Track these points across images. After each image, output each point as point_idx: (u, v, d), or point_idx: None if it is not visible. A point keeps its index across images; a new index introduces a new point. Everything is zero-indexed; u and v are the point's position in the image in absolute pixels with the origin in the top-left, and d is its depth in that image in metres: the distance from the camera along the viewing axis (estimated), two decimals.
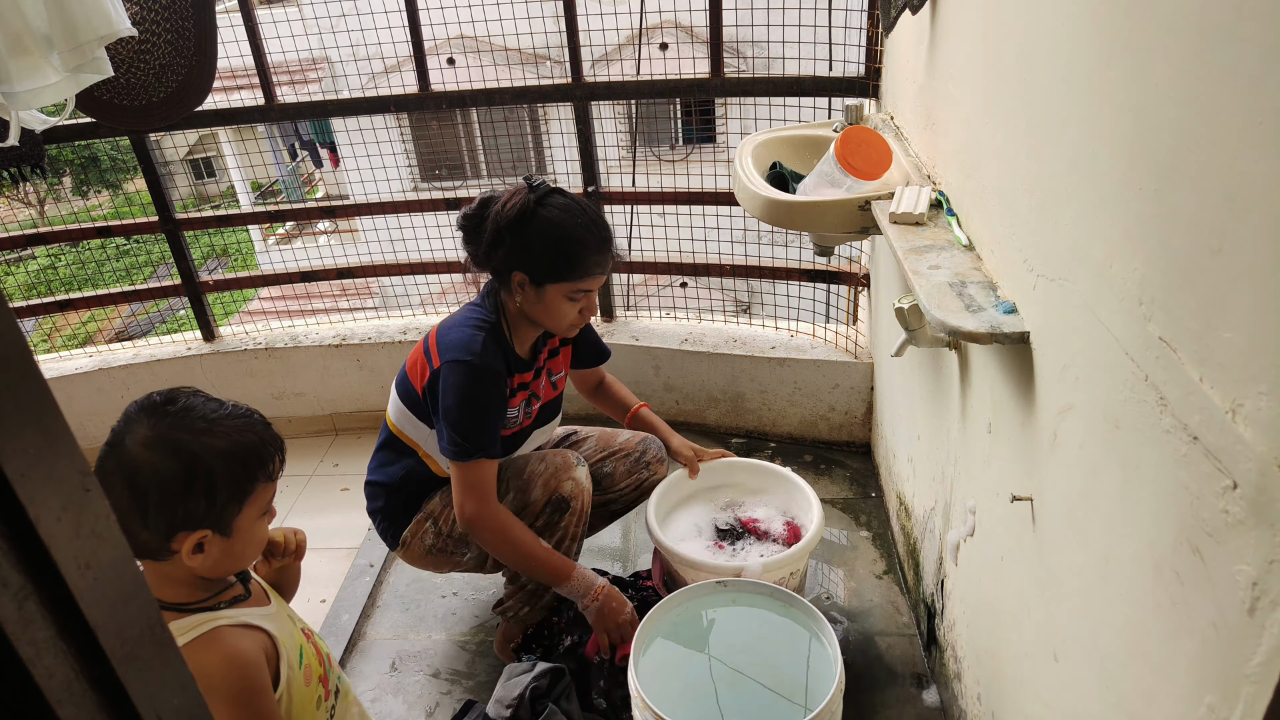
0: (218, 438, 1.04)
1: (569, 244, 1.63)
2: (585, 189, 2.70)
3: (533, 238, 1.63)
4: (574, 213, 1.65)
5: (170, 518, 1.01)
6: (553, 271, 1.64)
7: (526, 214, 1.63)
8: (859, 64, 2.29)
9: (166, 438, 1.02)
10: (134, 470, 1.00)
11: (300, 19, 4.74)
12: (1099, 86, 0.90)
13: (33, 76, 1.70)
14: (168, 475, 1.01)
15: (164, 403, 1.07)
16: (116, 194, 13.68)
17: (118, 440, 1.03)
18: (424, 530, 1.84)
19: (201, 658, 1.02)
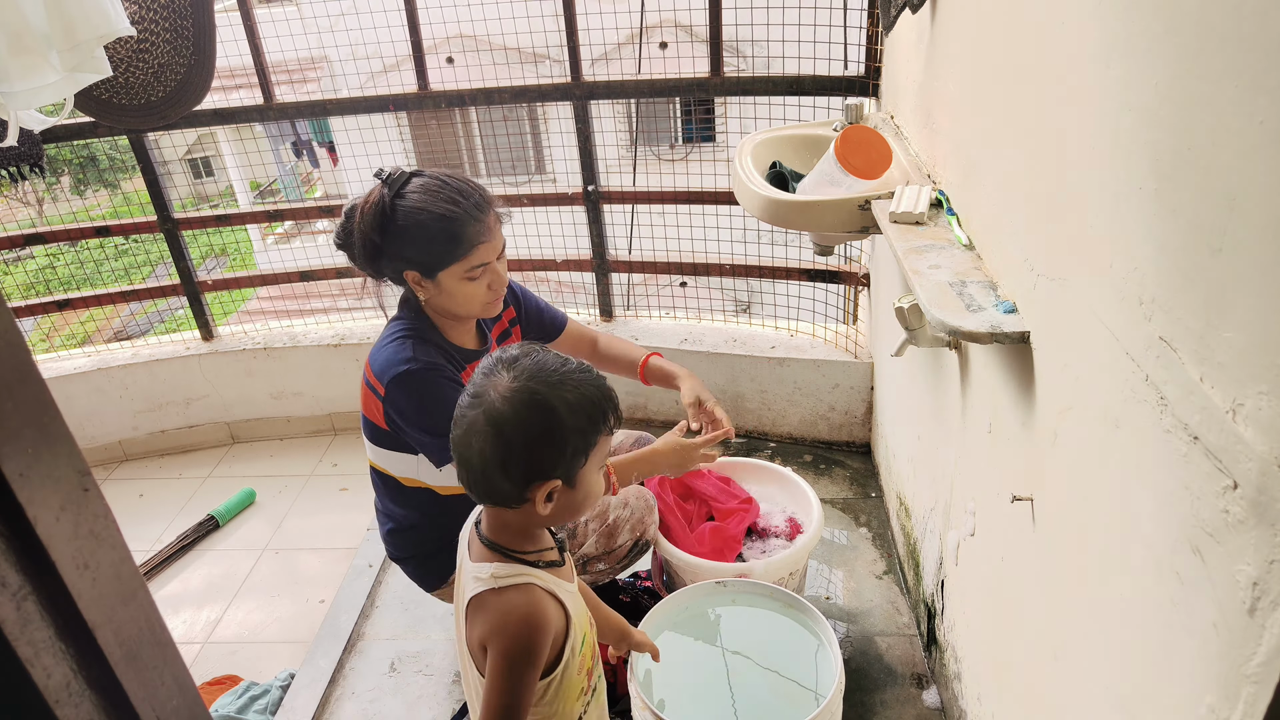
0: (568, 390, 1.06)
1: (440, 225, 1.51)
2: (585, 188, 2.70)
3: (402, 233, 1.52)
4: (434, 191, 1.52)
5: (529, 467, 1.05)
6: (437, 259, 1.53)
7: (385, 212, 1.52)
8: (859, 63, 2.29)
9: (527, 388, 1.04)
10: (500, 421, 1.03)
11: (299, 18, 4.73)
12: (1099, 86, 0.90)
13: (31, 75, 1.70)
14: (531, 426, 1.04)
15: (519, 355, 1.09)
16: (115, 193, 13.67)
17: (481, 392, 1.06)
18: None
19: (508, 602, 1.07)
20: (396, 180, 1.54)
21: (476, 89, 2.59)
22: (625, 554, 1.78)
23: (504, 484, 1.05)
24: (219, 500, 2.77)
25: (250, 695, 2.03)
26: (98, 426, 3.06)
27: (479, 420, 1.04)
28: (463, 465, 1.08)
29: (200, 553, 2.63)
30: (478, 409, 1.05)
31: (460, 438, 1.06)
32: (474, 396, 1.07)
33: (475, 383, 1.08)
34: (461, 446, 1.06)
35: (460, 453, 1.07)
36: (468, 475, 1.08)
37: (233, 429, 3.13)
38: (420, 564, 1.78)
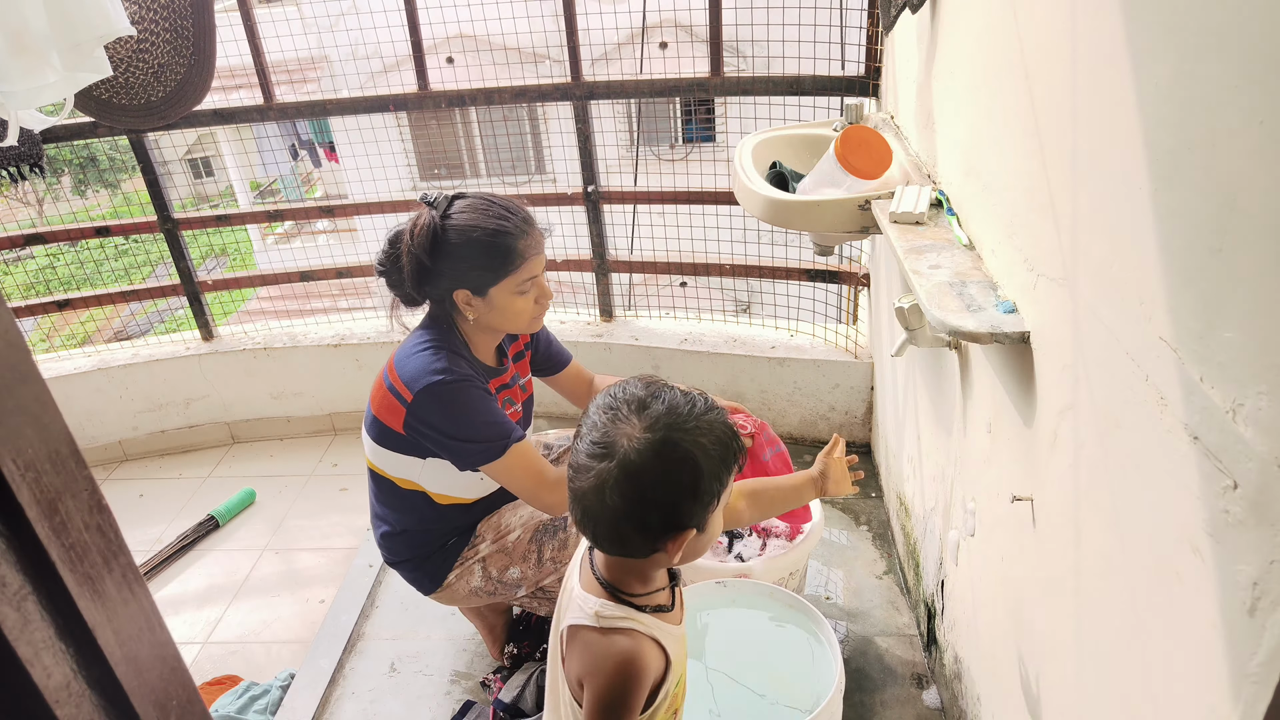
0: (704, 435, 1.00)
1: (490, 242, 1.56)
2: (585, 188, 2.70)
3: (454, 253, 1.57)
4: (481, 209, 1.59)
5: (667, 521, 1.00)
6: (489, 276, 1.58)
7: (436, 233, 1.57)
8: (859, 63, 2.29)
9: (666, 439, 0.98)
10: (639, 474, 0.97)
11: (299, 18, 4.73)
12: (1099, 86, 0.90)
13: (31, 75, 1.70)
14: (672, 480, 0.98)
15: (646, 399, 1.02)
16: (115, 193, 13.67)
17: (610, 441, 0.98)
18: (470, 573, 1.77)
19: (610, 646, 1.04)
20: (441, 202, 1.60)
21: (476, 89, 2.59)
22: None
23: (636, 537, 1.00)
24: (219, 500, 2.77)
25: (250, 695, 2.03)
26: (98, 426, 3.06)
27: (613, 474, 0.97)
28: (589, 517, 1.01)
29: (200, 553, 2.63)
30: (610, 460, 0.97)
31: (590, 489, 0.99)
32: (602, 446, 0.99)
33: (599, 427, 1.00)
34: (591, 499, 0.99)
35: (587, 505, 1.00)
36: (594, 527, 1.02)
37: (233, 429, 3.14)
38: (415, 567, 1.79)
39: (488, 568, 1.76)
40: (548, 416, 2.97)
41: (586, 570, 1.11)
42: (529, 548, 1.74)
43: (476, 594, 1.80)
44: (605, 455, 0.98)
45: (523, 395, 1.86)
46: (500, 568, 1.76)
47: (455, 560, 1.77)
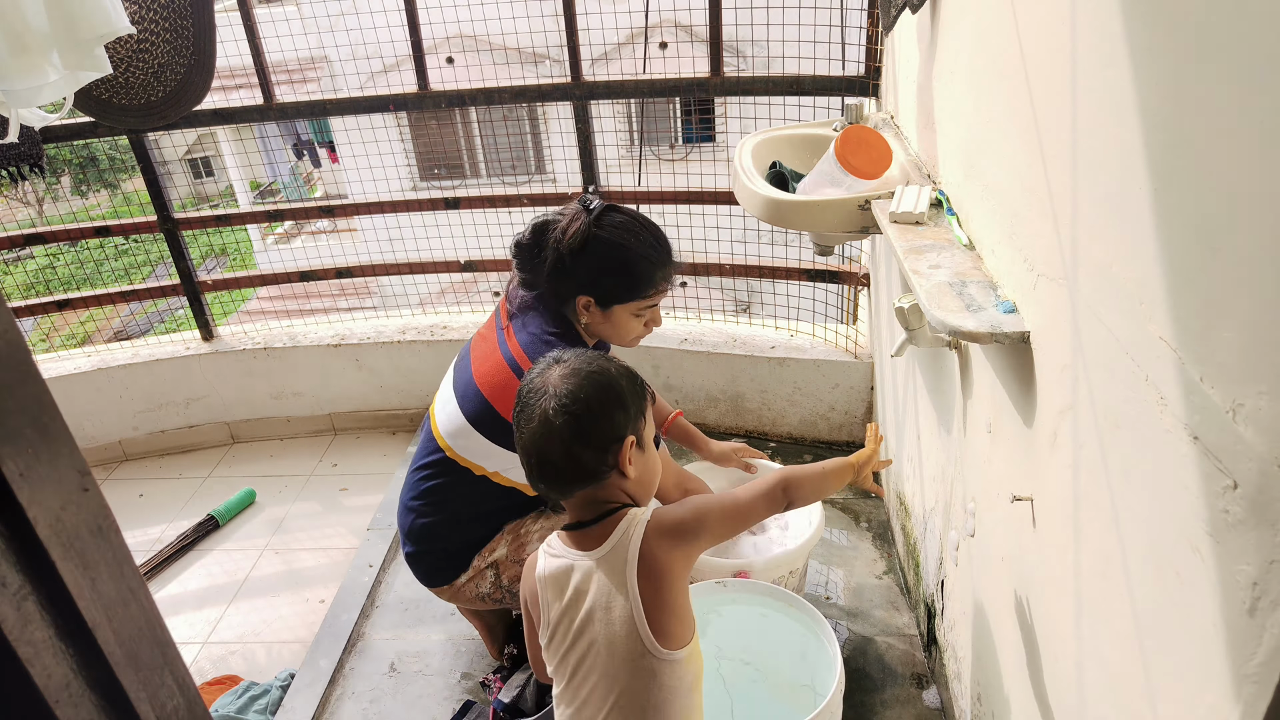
0: (610, 363, 1.20)
1: (634, 265, 1.62)
2: (585, 188, 2.70)
3: (596, 263, 1.62)
4: (634, 231, 1.65)
5: (606, 431, 1.15)
6: (620, 293, 1.64)
7: (588, 238, 1.61)
8: (859, 63, 2.29)
9: (580, 369, 1.17)
10: (569, 399, 1.13)
11: (299, 18, 4.73)
12: (1099, 85, 0.90)
13: (32, 74, 1.70)
14: (595, 395, 1.15)
15: (559, 355, 1.21)
16: (115, 193, 13.67)
17: (539, 387, 1.16)
18: (482, 577, 1.77)
19: (645, 515, 1.18)
20: (598, 209, 1.65)
21: (476, 89, 2.59)
22: None
23: (589, 454, 1.14)
24: (219, 500, 2.77)
25: (250, 695, 2.03)
26: (98, 426, 3.06)
27: (549, 407, 1.13)
28: (541, 460, 1.15)
29: (200, 553, 2.63)
30: (544, 399, 1.14)
31: (536, 431, 1.14)
32: (534, 393, 1.16)
33: (529, 384, 1.18)
34: (540, 439, 1.14)
35: (539, 447, 1.14)
36: (550, 468, 1.15)
37: (233, 429, 3.14)
38: (435, 559, 1.79)
39: (500, 575, 1.76)
40: None
41: (561, 546, 1.21)
42: None
43: (484, 599, 1.80)
44: (539, 398, 1.15)
45: None
46: (511, 578, 1.76)
47: (471, 559, 1.77)
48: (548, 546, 1.22)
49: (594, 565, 1.15)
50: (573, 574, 1.17)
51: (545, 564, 1.21)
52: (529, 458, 1.16)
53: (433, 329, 3.01)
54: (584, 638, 1.15)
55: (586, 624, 1.15)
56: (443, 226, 3.05)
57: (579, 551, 1.17)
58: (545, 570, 1.20)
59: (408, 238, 3.14)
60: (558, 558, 1.20)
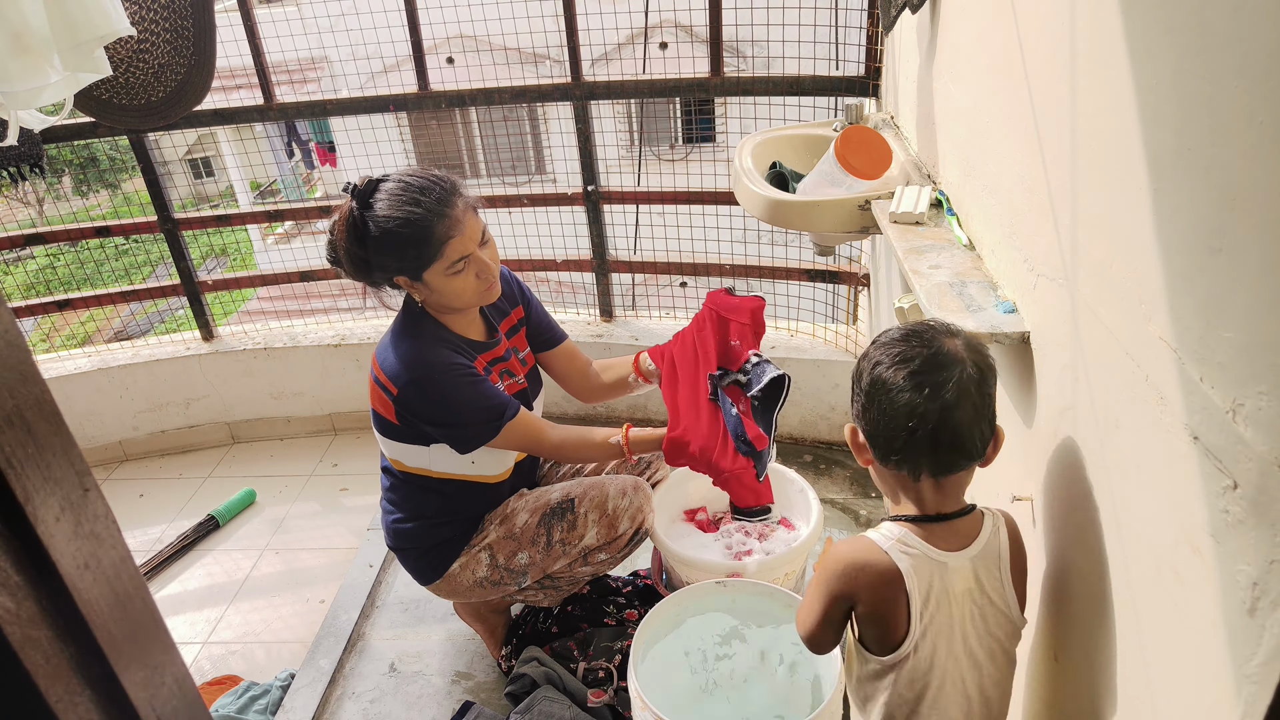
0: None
1: (406, 231, 1.51)
2: (585, 188, 2.70)
3: (377, 244, 1.54)
4: (396, 196, 1.53)
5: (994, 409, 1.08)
6: (416, 263, 1.54)
7: (357, 224, 1.55)
8: (859, 63, 2.29)
9: (972, 341, 1.08)
10: (983, 367, 1.05)
11: (299, 18, 4.73)
12: (1099, 86, 0.90)
13: (32, 76, 1.70)
14: (994, 368, 1.08)
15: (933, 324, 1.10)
16: (115, 193, 13.67)
17: (954, 351, 1.05)
18: (476, 561, 1.77)
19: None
20: (363, 191, 1.56)
21: (476, 89, 2.59)
22: (626, 542, 1.79)
23: (987, 429, 1.08)
24: (219, 500, 2.77)
25: (250, 695, 2.03)
26: (98, 426, 3.06)
27: (969, 374, 1.03)
28: (956, 429, 1.03)
29: (200, 553, 2.63)
30: (963, 367, 1.03)
31: (951, 400, 1.02)
32: (945, 361, 1.03)
33: (935, 356, 1.03)
34: (960, 407, 1.02)
35: (956, 417, 1.03)
36: (962, 439, 1.04)
37: (233, 429, 3.13)
38: (419, 555, 1.81)
39: (495, 555, 1.77)
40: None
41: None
42: (537, 531, 1.75)
43: (481, 585, 1.80)
44: (955, 361, 1.03)
45: (524, 368, 1.84)
46: (508, 554, 1.76)
47: (462, 549, 1.78)
48: (903, 545, 1.08)
49: (969, 563, 1.09)
50: (945, 575, 1.08)
51: (905, 563, 1.08)
52: (934, 427, 1.01)
53: None
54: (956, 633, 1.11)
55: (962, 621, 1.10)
56: None
57: (944, 550, 1.08)
58: (910, 569, 1.08)
59: None
60: (916, 555, 1.08)
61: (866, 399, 1.07)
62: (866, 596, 1.09)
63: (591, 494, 1.76)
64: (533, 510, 1.77)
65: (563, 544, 1.75)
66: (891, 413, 1.03)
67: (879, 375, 1.05)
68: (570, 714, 1.72)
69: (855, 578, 1.09)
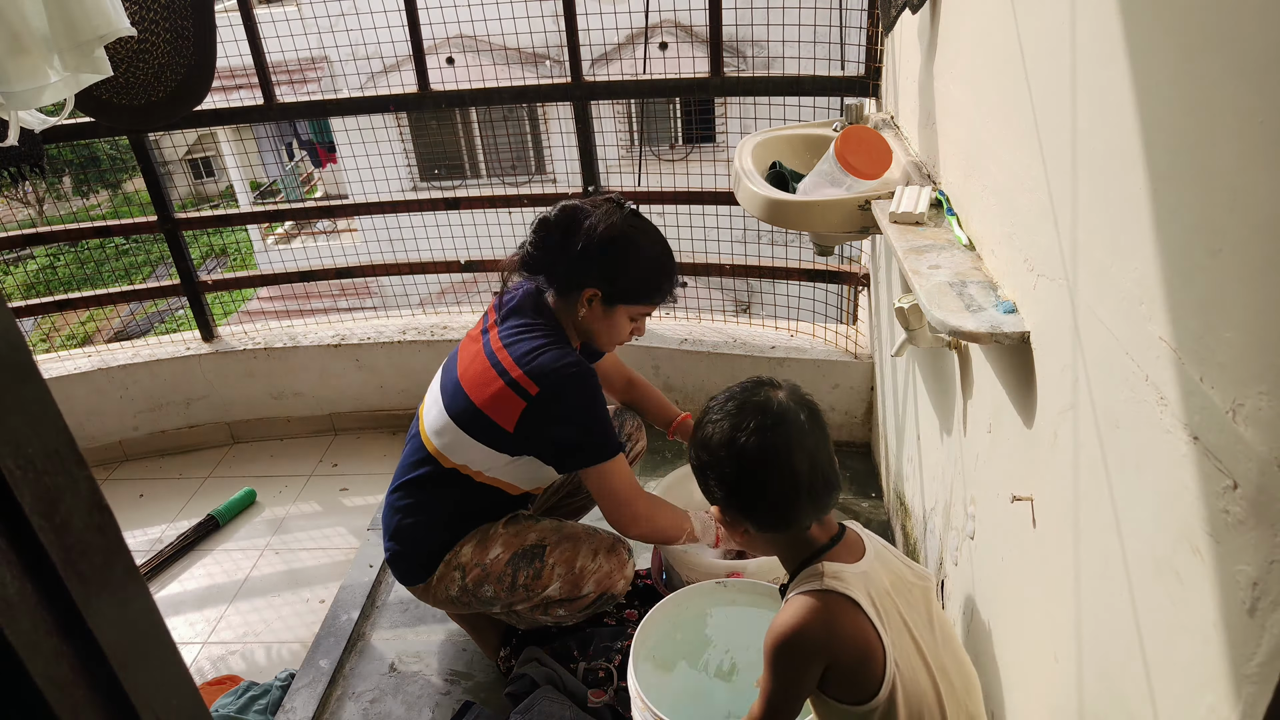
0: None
1: (656, 271, 1.68)
2: (585, 188, 2.70)
3: (622, 260, 1.64)
4: (657, 240, 1.71)
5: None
6: (633, 295, 1.67)
7: (621, 235, 1.64)
8: (859, 63, 2.29)
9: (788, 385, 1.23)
10: (808, 405, 1.20)
11: (299, 18, 4.73)
12: (1099, 86, 0.90)
13: (32, 76, 1.70)
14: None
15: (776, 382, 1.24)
16: (115, 193, 13.67)
17: (778, 404, 1.18)
18: (450, 579, 1.76)
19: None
20: (634, 215, 1.70)
21: (476, 89, 2.59)
22: (587, 605, 1.79)
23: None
24: (219, 500, 2.77)
25: (250, 695, 2.03)
26: (98, 426, 3.06)
27: (801, 420, 1.16)
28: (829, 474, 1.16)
29: (200, 553, 2.63)
30: (794, 415, 1.15)
31: (815, 443, 1.15)
32: (775, 417, 1.15)
33: (774, 410, 1.16)
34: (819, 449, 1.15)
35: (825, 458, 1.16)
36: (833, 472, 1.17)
37: (233, 429, 3.14)
38: (409, 558, 1.78)
39: (465, 578, 1.75)
40: None
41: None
42: (505, 570, 1.73)
43: (454, 603, 1.81)
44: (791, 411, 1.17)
45: None
46: (475, 581, 1.75)
47: (441, 559, 1.76)
48: (833, 579, 1.15)
49: (878, 563, 1.19)
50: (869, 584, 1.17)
51: (849, 590, 1.13)
52: (810, 481, 1.13)
53: (433, 329, 3.01)
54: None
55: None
56: (443, 226, 3.05)
57: (855, 563, 1.17)
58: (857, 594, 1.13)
59: (408, 238, 3.14)
60: (848, 577, 1.14)
61: (733, 488, 1.15)
62: (847, 647, 1.10)
63: (564, 546, 1.75)
64: (506, 544, 1.74)
65: (526, 589, 1.74)
66: (767, 485, 1.12)
67: (742, 457, 1.12)
68: (570, 714, 1.72)
69: (830, 638, 1.10)
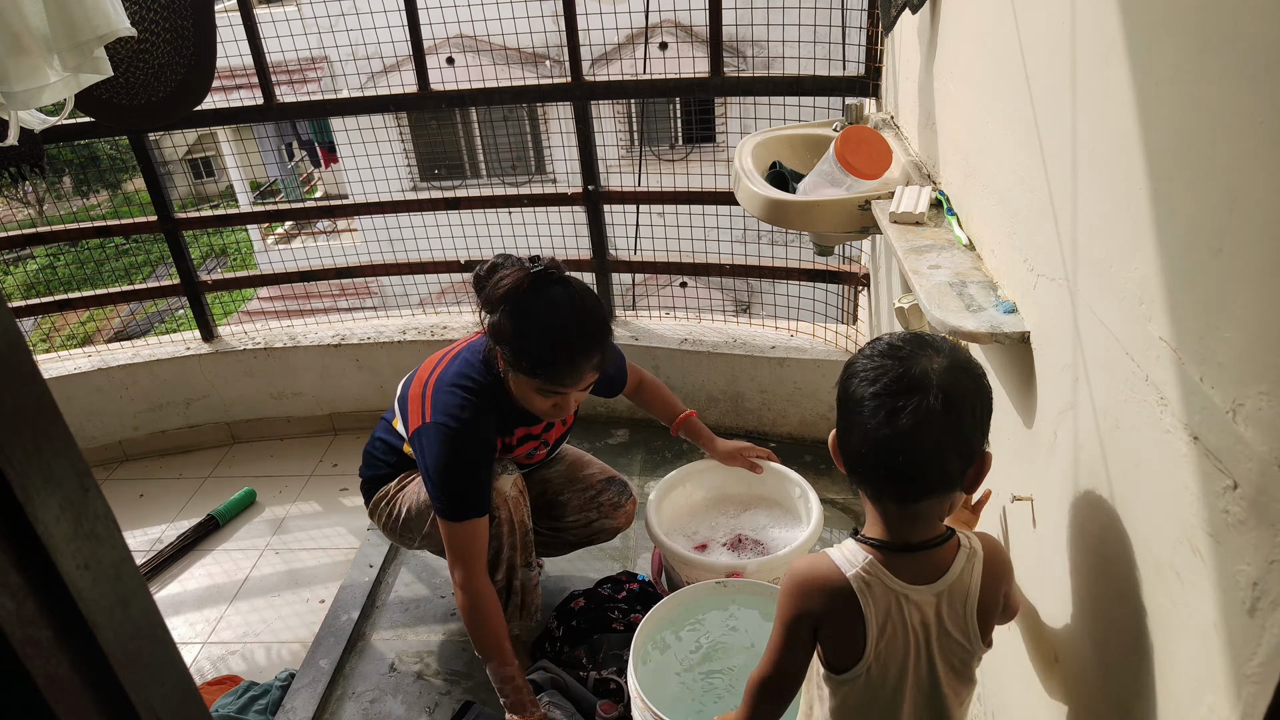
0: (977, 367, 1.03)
1: (545, 346, 1.55)
2: (585, 188, 2.70)
3: (513, 322, 1.55)
4: (562, 314, 1.55)
5: (980, 437, 1.00)
6: (523, 367, 1.58)
7: (516, 297, 1.55)
8: (859, 63, 2.29)
9: (958, 362, 0.99)
10: (955, 395, 0.95)
11: (299, 18, 4.73)
12: (1099, 86, 0.90)
13: (32, 76, 1.70)
14: (981, 393, 0.99)
15: (928, 338, 1.03)
16: (115, 193, 13.68)
17: (924, 374, 0.96)
18: (380, 510, 1.92)
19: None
20: (542, 274, 1.57)
21: (476, 89, 2.59)
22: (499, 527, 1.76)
23: (955, 463, 0.98)
24: (219, 500, 2.77)
25: (250, 695, 2.03)
26: (98, 426, 3.06)
27: (933, 410, 0.94)
28: (908, 456, 0.96)
29: (200, 553, 2.62)
30: (927, 395, 0.95)
31: (907, 425, 0.94)
32: (921, 381, 0.96)
33: (904, 373, 0.97)
34: (914, 433, 0.95)
35: (908, 443, 0.95)
36: (913, 467, 0.97)
37: (233, 429, 3.14)
38: (367, 483, 1.97)
39: (393, 510, 1.91)
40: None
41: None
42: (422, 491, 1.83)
43: (387, 531, 1.95)
44: (923, 387, 0.96)
45: (560, 430, 1.92)
46: (396, 514, 1.90)
47: (380, 487, 1.94)
48: (864, 571, 1.04)
49: (936, 600, 1.04)
50: (904, 606, 1.03)
51: (863, 589, 1.03)
52: (886, 454, 0.97)
53: (433, 329, 3.01)
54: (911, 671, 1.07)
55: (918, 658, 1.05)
56: (443, 226, 3.05)
57: (906, 583, 1.03)
58: (868, 596, 1.03)
59: (408, 238, 3.14)
60: (875, 582, 1.03)
61: (839, 409, 1.04)
62: (825, 614, 1.05)
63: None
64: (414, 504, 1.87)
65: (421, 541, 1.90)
66: (850, 430, 1.01)
67: (849, 388, 1.02)
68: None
69: (812, 594, 1.05)
